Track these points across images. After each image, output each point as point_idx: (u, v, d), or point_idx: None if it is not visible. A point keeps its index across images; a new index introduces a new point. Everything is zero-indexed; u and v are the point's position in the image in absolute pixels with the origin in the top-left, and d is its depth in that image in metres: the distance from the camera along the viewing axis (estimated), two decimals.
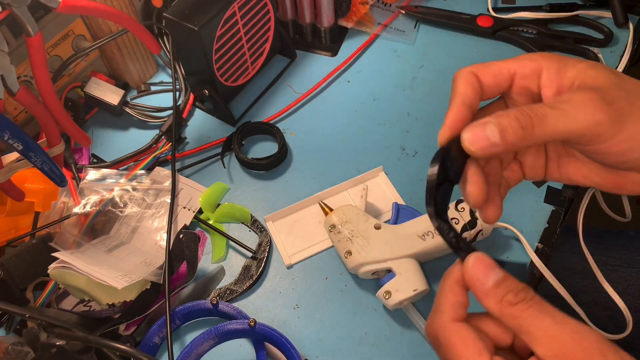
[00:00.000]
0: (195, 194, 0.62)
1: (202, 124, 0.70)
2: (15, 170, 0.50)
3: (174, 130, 0.65)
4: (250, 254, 0.57)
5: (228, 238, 0.58)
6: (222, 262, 0.58)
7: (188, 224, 0.59)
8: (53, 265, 0.49)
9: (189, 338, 0.52)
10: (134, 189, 0.61)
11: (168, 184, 0.61)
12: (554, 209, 0.58)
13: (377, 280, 0.53)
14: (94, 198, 0.59)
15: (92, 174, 0.61)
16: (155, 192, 0.61)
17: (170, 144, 0.65)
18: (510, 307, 0.30)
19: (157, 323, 0.51)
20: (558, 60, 0.34)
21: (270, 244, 0.58)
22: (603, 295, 0.56)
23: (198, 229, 0.60)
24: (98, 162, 0.66)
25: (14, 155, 0.51)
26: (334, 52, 0.75)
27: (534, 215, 0.57)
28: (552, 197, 0.58)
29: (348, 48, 0.75)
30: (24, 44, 0.48)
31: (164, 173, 0.63)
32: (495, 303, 0.31)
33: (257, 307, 0.55)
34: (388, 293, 0.50)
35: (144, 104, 0.70)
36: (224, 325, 0.48)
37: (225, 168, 0.65)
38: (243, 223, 0.60)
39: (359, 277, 0.54)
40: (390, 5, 0.78)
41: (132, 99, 0.71)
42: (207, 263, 0.58)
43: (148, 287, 0.51)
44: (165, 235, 0.56)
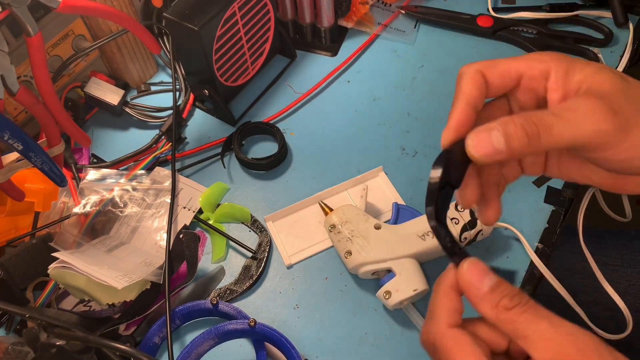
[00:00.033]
0: (195, 194, 0.62)
1: (202, 124, 0.70)
2: (15, 170, 0.50)
3: (174, 130, 0.65)
4: (250, 254, 0.57)
5: (228, 238, 0.58)
6: (222, 262, 0.58)
7: (188, 224, 0.59)
8: (53, 265, 0.49)
9: (189, 338, 0.52)
10: (134, 189, 0.61)
11: (168, 184, 0.61)
12: (554, 209, 0.58)
13: (377, 280, 0.53)
14: (94, 198, 0.59)
15: (92, 174, 0.61)
16: (155, 192, 0.61)
17: (170, 144, 0.65)
18: (506, 311, 0.30)
19: (157, 323, 0.51)
20: (566, 63, 0.33)
21: (270, 244, 0.58)
22: (603, 296, 0.56)
23: (198, 229, 0.60)
24: (98, 162, 0.66)
25: (14, 155, 0.51)
26: (334, 52, 0.75)
27: (534, 215, 0.57)
28: (552, 197, 0.58)
29: (348, 48, 0.75)
30: (24, 44, 0.48)
31: (164, 173, 0.63)
32: (491, 308, 0.30)
33: (257, 307, 0.55)
34: (388, 293, 0.50)
35: (144, 104, 0.70)
36: (224, 325, 0.48)
37: (225, 168, 0.65)
38: (243, 223, 0.60)
39: (359, 277, 0.54)
40: (390, 5, 0.78)
41: (132, 99, 0.71)
42: (207, 263, 0.58)
43: (148, 287, 0.51)
44: (165, 235, 0.56)
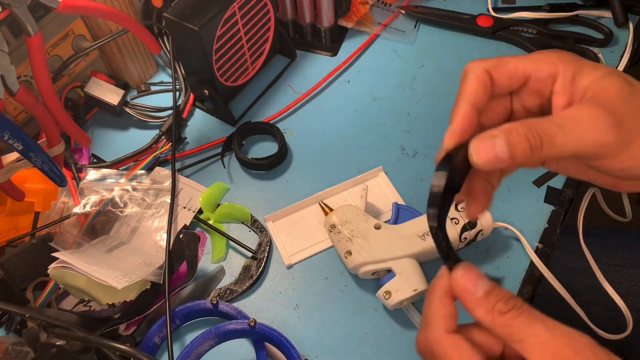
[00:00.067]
0: (195, 194, 0.62)
1: (202, 124, 0.70)
2: (15, 170, 0.50)
3: (174, 130, 0.65)
4: (250, 254, 0.57)
5: (228, 238, 0.58)
6: (222, 262, 0.58)
7: (188, 224, 0.59)
8: (53, 265, 0.49)
9: (189, 338, 0.52)
10: (134, 189, 0.61)
11: (168, 184, 0.61)
12: (554, 209, 0.58)
13: (377, 280, 0.53)
14: (94, 198, 0.59)
15: (92, 174, 0.61)
16: (155, 192, 0.61)
17: (170, 144, 0.65)
18: (501, 315, 0.30)
19: (157, 323, 0.51)
20: (574, 66, 0.33)
21: (270, 244, 0.58)
22: (603, 296, 0.56)
23: (198, 229, 0.60)
24: (98, 162, 0.66)
25: (14, 155, 0.51)
26: (334, 52, 0.75)
27: (534, 215, 0.57)
28: (552, 197, 0.58)
29: (348, 48, 0.75)
30: (24, 44, 0.48)
31: (164, 173, 0.63)
32: (486, 312, 0.31)
33: (257, 307, 0.55)
34: (388, 293, 0.49)
35: (144, 104, 0.70)
36: (224, 325, 0.48)
37: (225, 168, 0.65)
38: (243, 223, 0.60)
39: (359, 277, 0.54)
40: (390, 5, 0.78)
41: (132, 99, 0.71)
42: (207, 263, 0.58)
43: (148, 287, 0.51)
44: (165, 235, 0.56)
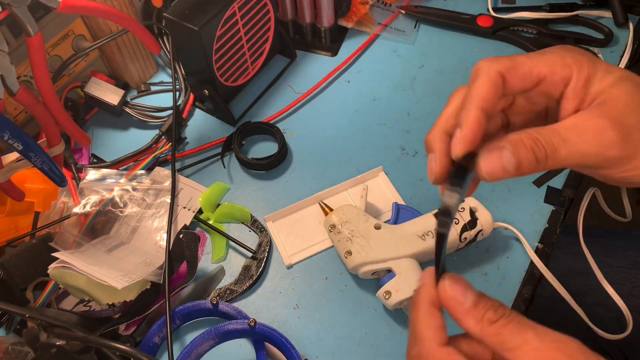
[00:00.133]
0: (195, 194, 0.62)
1: (202, 124, 0.70)
2: (15, 170, 0.50)
3: (174, 130, 0.65)
4: (250, 254, 0.57)
5: (228, 238, 0.58)
6: (222, 262, 0.58)
7: (188, 224, 0.59)
8: (53, 265, 0.49)
9: (189, 338, 0.52)
10: (134, 189, 0.61)
11: (168, 184, 0.61)
12: (554, 209, 0.58)
13: (377, 280, 0.53)
14: (94, 198, 0.59)
15: (92, 174, 0.61)
16: (155, 192, 0.61)
17: (170, 144, 0.65)
18: (491, 324, 0.30)
19: (157, 323, 0.51)
20: (588, 70, 0.32)
21: (270, 244, 0.58)
22: (604, 296, 0.55)
23: (198, 229, 0.60)
24: (98, 162, 0.66)
25: (14, 155, 0.51)
26: (334, 52, 0.75)
27: (534, 215, 0.57)
28: (552, 197, 0.58)
29: (348, 48, 0.75)
30: (24, 44, 0.48)
31: (164, 173, 0.63)
32: (476, 322, 0.30)
33: (257, 307, 0.55)
34: (388, 293, 0.49)
35: (144, 104, 0.70)
36: (224, 325, 0.48)
37: (225, 168, 0.65)
38: (243, 223, 0.60)
39: (359, 277, 0.54)
40: (390, 5, 0.78)
41: (132, 99, 0.71)
42: (207, 263, 0.58)
43: (148, 287, 0.51)
44: (165, 235, 0.56)
